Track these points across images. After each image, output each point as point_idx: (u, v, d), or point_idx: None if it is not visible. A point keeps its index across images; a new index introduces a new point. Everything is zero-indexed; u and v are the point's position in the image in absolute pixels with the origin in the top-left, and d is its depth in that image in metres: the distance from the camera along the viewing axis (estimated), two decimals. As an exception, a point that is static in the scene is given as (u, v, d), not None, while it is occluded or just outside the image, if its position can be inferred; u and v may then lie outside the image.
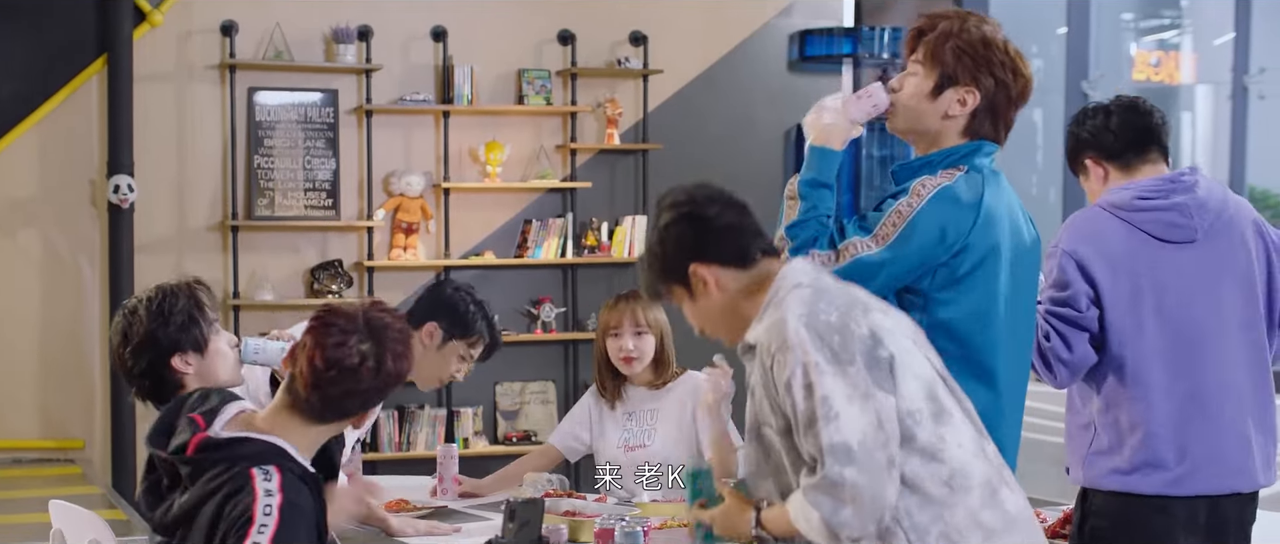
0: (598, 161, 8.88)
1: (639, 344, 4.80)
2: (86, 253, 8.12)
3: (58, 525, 4.13)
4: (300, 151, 8.23)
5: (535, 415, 8.73)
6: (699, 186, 2.96)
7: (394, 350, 2.92)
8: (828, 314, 2.71)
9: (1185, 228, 3.72)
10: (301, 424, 2.91)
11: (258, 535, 2.72)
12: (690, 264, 2.88)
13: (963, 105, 3.22)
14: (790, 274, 2.84)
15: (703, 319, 2.95)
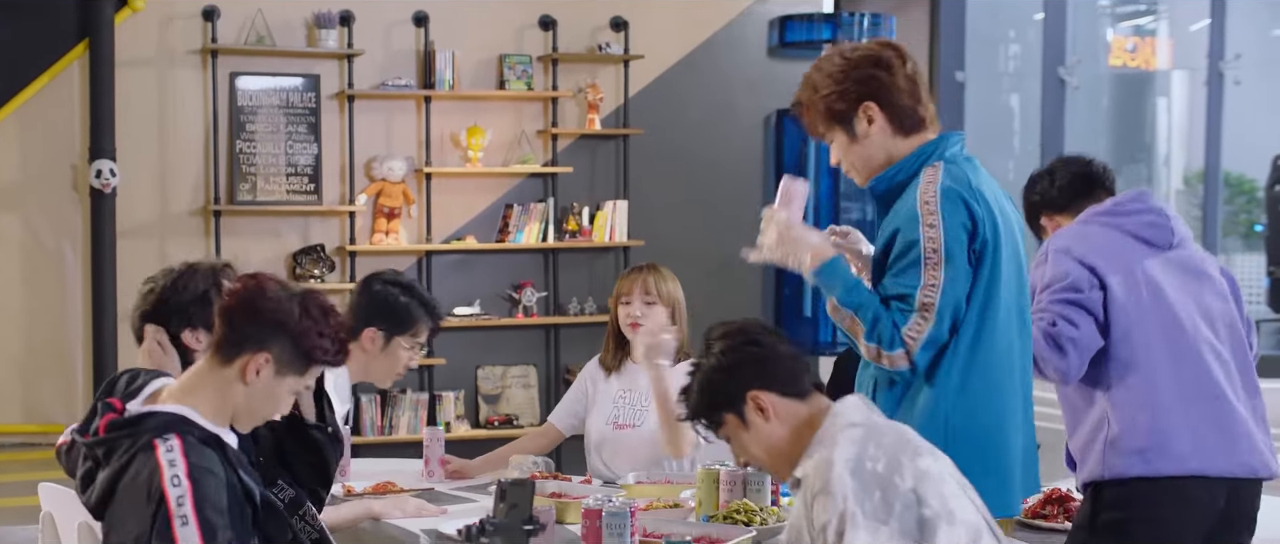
0: (579, 146, 8.92)
1: (647, 313, 4.82)
2: (69, 238, 8.12)
3: (47, 508, 4.14)
4: (282, 136, 8.25)
5: (517, 399, 8.77)
6: (749, 321, 3.02)
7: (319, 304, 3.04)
8: (875, 462, 2.73)
9: (1165, 229, 3.81)
10: (209, 387, 2.98)
11: (179, 510, 2.80)
12: (748, 391, 2.91)
13: (872, 121, 3.28)
14: (844, 412, 2.88)
15: (753, 448, 2.95)
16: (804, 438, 2.89)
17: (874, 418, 2.87)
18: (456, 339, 8.62)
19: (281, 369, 3.01)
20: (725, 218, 9.39)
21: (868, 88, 3.28)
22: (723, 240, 9.36)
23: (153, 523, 2.86)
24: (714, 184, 9.31)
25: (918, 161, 3.25)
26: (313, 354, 3.03)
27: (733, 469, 4.09)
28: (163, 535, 2.85)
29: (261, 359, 2.98)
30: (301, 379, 3.08)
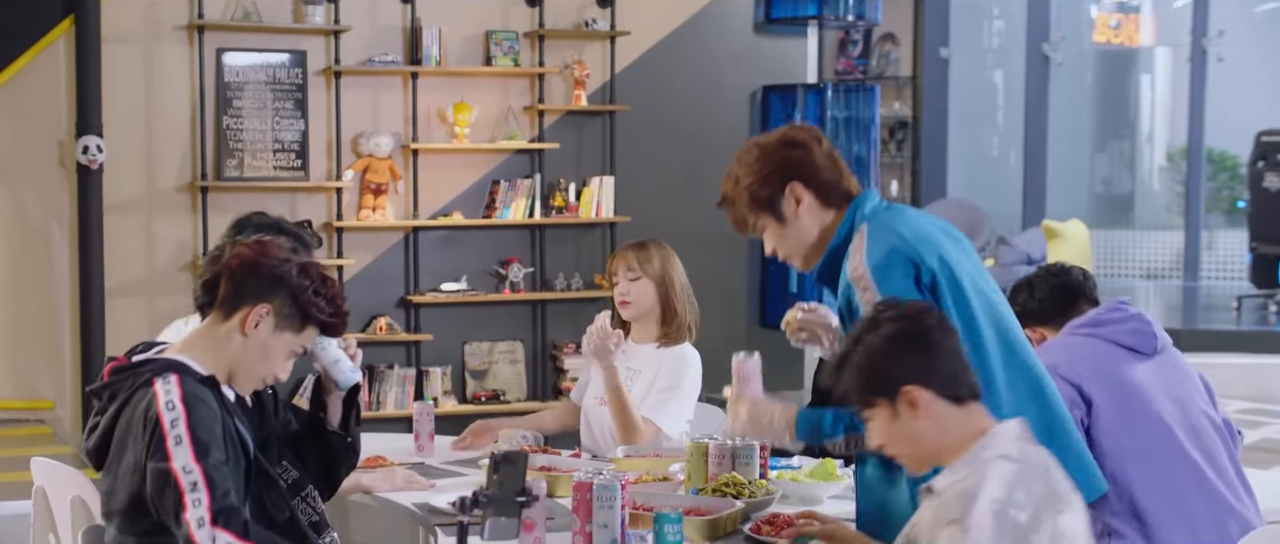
0: (565, 123, 8.93)
1: (632, 288, 4.83)
2: (55, 214, 8.12)
3: (40, 483, 4.14)
4: (269, 113, 8.25)
5: (503, 375, 8.79)
6: (923, 308, 2.91)
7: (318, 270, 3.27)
8: (1020, 512, 2.66)
9: (1148, 335, 3.84)
10: (209, 341, 3.21)
11: (173, 430, 3.00)
12: (906, 384, 2.81)
13: (800, 201, 3.33)
14: (1001, 439, 2.78)
15: (895, 441, 2.86)
16: (952, 447, 2.80)
17: (1028, 452, 2.77)
18: (443, 315, 8.64)
19: (279, 323, 3.23)
20: (712, 194, 9.30)
21: (790, 169, 3.33)
22: (709, 216, 9.33)
23: (148, 448, 3.02)
24: (700, 160, 9.32)
25: (846, 229, 3.29)
26: (308, 311, 3.24)
27: (721, 442, 4.14)
28: (157, 456, 3.02)
29: (261, 311, 3.20)
30: (298, 338, 3.27)
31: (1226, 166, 19.15)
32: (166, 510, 3.03)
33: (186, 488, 2.99)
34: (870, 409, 2.86)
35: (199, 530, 2.97)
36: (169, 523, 3.04)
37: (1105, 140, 20.88)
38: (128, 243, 8.13)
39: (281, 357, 3.27)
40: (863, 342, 2.85)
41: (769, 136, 3.41)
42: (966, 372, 2.85)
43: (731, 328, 9.38)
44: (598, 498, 3.50)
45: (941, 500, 2.74)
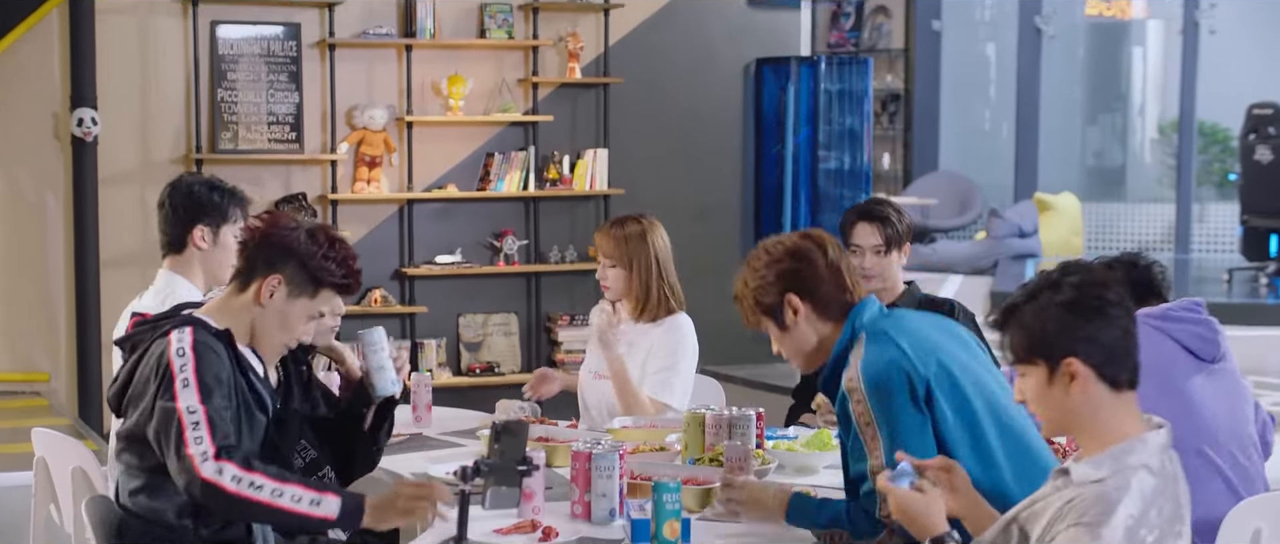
0: (559, 95, 8.94)
1: (609, 274, 4.87)
2: (50, 186, 8.13)
3: (41, 453, 4.19)
4: (263, 85, 8.26)
5: (498, 347, 8.82)
6: (1112, 283, 2.83)
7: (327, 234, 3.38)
8: (1148, 534, 2.66)
9: (1212, 343, 3.84)
10: (228, 310, 3.35)
11: (181, 374, 3.15)
12: (1070, 355, 2.76)
13: (796, 312, 3.42)
14: (1149, 448, 2.74)
15: (1041, 404, 2.82)
16: (1095, 430, 2.77)
17: (1168, 468, 2.76)
18: (438, 287, 8.67)
19: (293, 291, 3.34)
20: (705, 166, 9.46)
21: (790, 280, 3.42)
22: (702, 187, 9.43)
23: (157, 390, 3.17)
24: (694, 132, 9.37)
25: (846, 339, 3.37)
26: (319, 276, 3.34)
27: (718, 413, 4.17)
28: (165, 396, 3.15)
29: (274, 281, 3.32)
30: (314, 302, 3.37)
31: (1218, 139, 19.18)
32: (169, 448, 3.14)
33: (189, 425, 3.12)
34: (1027, 367, 2.82)
35: (203, 464, 3.09)
36: (170, 461, 3.14)
37: (1097, 113, 20.90)
38: (123, 215, 8.14)
39: (300, 322, 3.38)
40: (1039, 299, 2.80)
41: (778, 245, 3.50)
42: (1131, 358, 2.79)
43: (723, 299, 9.39)
44: (596, 468, 3.54)
45: (1078, 493, 2.71)
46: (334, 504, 3.14)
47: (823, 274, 3.42)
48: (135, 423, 3.24)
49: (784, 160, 9.69)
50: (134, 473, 3.29)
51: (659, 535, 3.25)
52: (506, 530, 3.35)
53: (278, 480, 3.12)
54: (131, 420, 3.26)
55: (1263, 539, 3.36)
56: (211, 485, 3.08)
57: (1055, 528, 2.71)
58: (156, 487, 3.26)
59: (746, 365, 9.32)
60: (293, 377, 3.69)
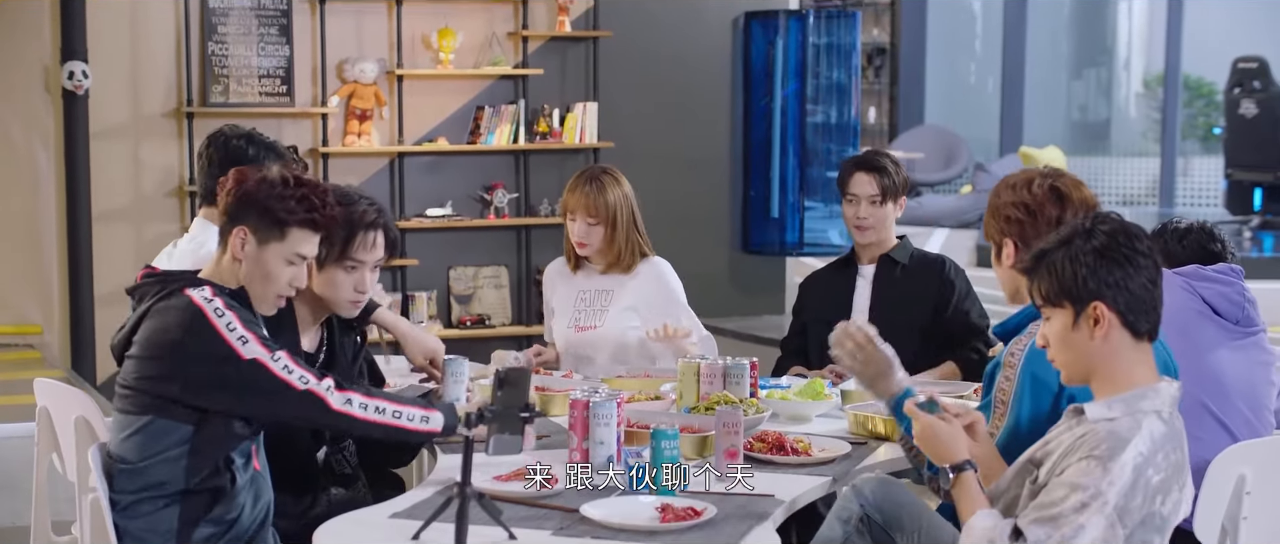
0: (549, 48, 8.96)
1: (588, 234, 4.88)
2: (41, 139, 8.13)
3: (43, 403, 4.20)
4: (254, 39, 8.26)
5: (488, 299, 8.87)
6: (1142, 234, 2.92)
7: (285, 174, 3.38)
8: (1155, 474, 2.79)
9: (1238, 304, 3.85)
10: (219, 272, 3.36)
11: (232, 331, 3.20)
12: (1098, 299, 2.86)
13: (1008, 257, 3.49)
14: (1161, 396, 2.87)
15: (1062, 347, 2.93)
16: (1112, 376, 2.89)
17: (1174, 419, 2.88)
18: (428, 240, 8.71)
19: (261, 238, 3.33)
20: (694, 119, 9.50)
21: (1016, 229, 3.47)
22: (691, 141, 9.46)
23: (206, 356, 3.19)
24: (683, 85, 9.40)
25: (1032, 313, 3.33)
26: (282, 216, 3.32)
27: (712, 362, 4.23)
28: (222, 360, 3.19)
29: (241, 233, 3.33)
30: (286, 245, 3.34)
31: (1202, 93, 19.23)
32: (273, 401, 3.22)
33: (280, 370, 3.21)
34: (1053, 310, 2.92)
35: (331, 396, 3.23)
36: (276, 407, 3.24)
37: (1082, 67, 20.94)
38: (114, 168, 8.16)
39: (281, 268, 3.35)
40: (1071, 245, 2.89)
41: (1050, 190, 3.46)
42: (1154, 309, 2.90)
43: (713, 252, 9.48)
44: (594, 416, 3.58)
45: (1089, 430, 2.83)
46: (438, 419, 3.35)
47: (1042, 230, 3.37)
48: (147, 377, 3.26)
49: (772, 113, 9.73)
50: (129, 421, 3.32)
51: (658, 481, 3.31)
52: (506, 477, 3.39)
53: (394, 402, 3.32)
54: (138, 375, 3.28)
55: (1247, 484, 3.42)
56: (345, 415, 3.26)
57: (1067, 460, 2.82)
58: (149, 436, 3.28)
59: (733, 317, 9.39)
60: (337, 346, 3.75)
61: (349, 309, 3.70)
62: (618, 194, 4.86)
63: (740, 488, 3.38)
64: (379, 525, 3.11)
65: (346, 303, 3.69)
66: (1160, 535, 2.85)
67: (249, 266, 3.34)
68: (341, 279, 3.65)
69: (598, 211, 4.83)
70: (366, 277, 3.65)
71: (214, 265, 3.40)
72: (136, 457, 3.30)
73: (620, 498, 3.25)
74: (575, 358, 4.94)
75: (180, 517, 3.30)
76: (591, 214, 4.84)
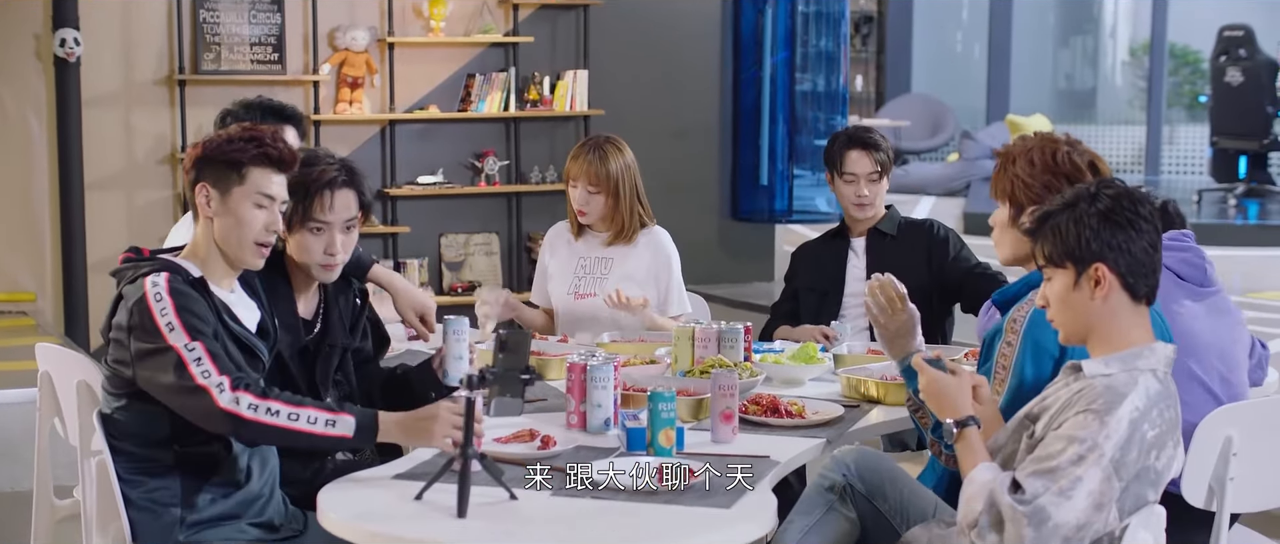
0: (539, 16, 9.00)
1: (589, 201, 4.94)
2: (33, 106, 8.15)
3: (45, 368, 4.22)
4: (245, 6, 8.28)
5: (479, 266, 8.92)
6: (1146, 198, 3.00)
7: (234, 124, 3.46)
8: (1152, 428, 2.87)
9: (1199, 268, 3.93)
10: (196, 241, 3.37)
11: (164, 317, 3.18)
12: (1099, 261, 2.94)
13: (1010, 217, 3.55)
14: (1157, 356, 2.96)
15: (1062, 307, 3.01)
16: (1109, 336, 2.98)
17: (1169, 383, 2.96)
18: (420, 207, 8.75)
19: (220, 186, 3.33)
20: (683, 87, 9.54)
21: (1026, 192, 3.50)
22: (681, 108, 9.51)
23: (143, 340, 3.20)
24: (672, 53, 9.45)
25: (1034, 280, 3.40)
26: (233, 157, 3.31)
27: (707, 327, 4.28)
28: (154, 341, 3.19)
29: (202, 190, 3.33)
30: (246, 186, 3.33)
31: (1188, 61, 19.31)
32: (176, 388, 3.17)
33: (191, 361, 3.15)
34: (1055, 271, 3.00)
35: (220, 394, 3.14)
36: (180, 400, 3.19)
37: (1068, 35, 21.00)
38: (106, 136, 8.18)
39: (249, 211, 3.33)
40: (1076, 208, 2.97)
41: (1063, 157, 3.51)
42: (1153, 273, 2.98)
43: (702, 219, 9.53)
44: (592, 379, 3.63)
45: (1087, 385, 2.91)
46: (349, 423, 3.19)
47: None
48: (117, 361, 3.29)
49: (761, 82, 9.78)
50: (115, 398, 3.36)
51: (655, 443, 3.36)
52: (506, 439, 3.45)
53: (292, 404, 3.18)
54: (112, 357, 3.31)
55: (1234, 445, 3.49)
56: (230, 415, 3.14)
57: (1064, 415, 2.90)
58: (136, 413, 3.31)
59: (722, 284, 9.45)
60: (334, 309, 3.79)
61: (322, 273, 3.67)
62: (619, 164, 4.91)
63: (736, 449, 3.44)
64: (383, 486, 3.15)
65: (318, 266, 3.66)
66: (1154, 490, 2.92)
67: (221, 222, 3.32)
68: (310, 242, 3.64)
69: (598, 180, 4.88)
70: (336, 238, 3.63)
71: (192, 242, 3.41)
72: (128, 431, 3.34)
73: (618, 459, 3.30)
74: (572, 323, 4.99)
75: (181, 485, 3.33)
76: (592, 182, 4.89)
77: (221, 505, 3.35)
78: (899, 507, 3.31)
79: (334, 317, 3.79)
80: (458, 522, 2.91)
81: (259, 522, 3.41)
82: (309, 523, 3.46)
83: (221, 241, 3.35)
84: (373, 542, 2.92)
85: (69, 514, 4.31)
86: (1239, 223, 12.57)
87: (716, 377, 3.58)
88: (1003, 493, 2.85)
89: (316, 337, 3.75)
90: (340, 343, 3.78)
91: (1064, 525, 2.81)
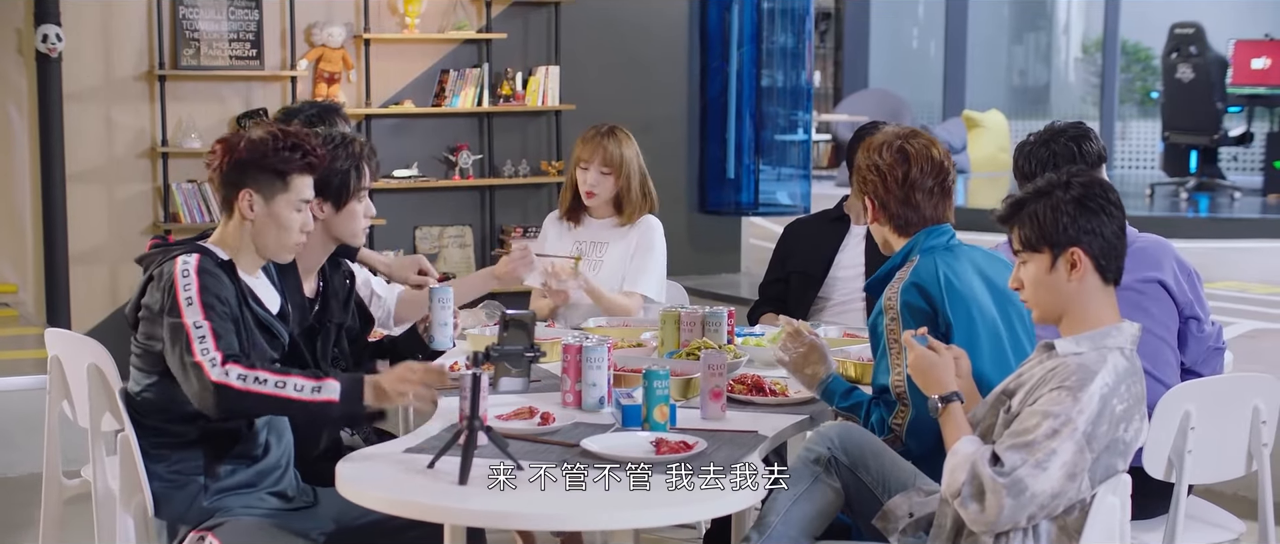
0: (512, 13, 9.17)
1: (600, 183, 5.18)
2: (15, 101, 8.26)
3: (55, 352, 4.34)
4: (224, 3, 8.40)
5: (453, 258, 9.09)
6: (1111, 187, 3.22)
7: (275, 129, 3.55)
8: (1119, 404, 3.08)
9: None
10: (226, 236, 3.56)
11: (185, 293, 3.38)
12: (1076, 245, 3.15)
13: (869, 213, 3.78)
14: (1124, 335, 3.17)
15: (1037, 288, 3.22)
16: (1080, 316, 3.18)
17: (1135, 360, 3.18)
18: (395, 200, 8.89)
19: (266, 194, 3.53)
20: (652, 81, 9.73)
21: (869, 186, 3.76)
22: (649, 103, 9.70)
23: (165, 308, 3.41)
24: (641, 49, 9.64)
25: (898, 260, 3.72)
26: (280, 166, 3.53)
27: (691, 310, 4.49)
28: (171, 313, 3.40)
29: (246, 195, 3.53)
30: (290, 194, 3.56)
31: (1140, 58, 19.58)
32: (178, 359, 3.38)
33: (196, 338, 3.35)
34: (1030, 255, 3.21)
35: (212, 368, 3.33)
36: (180, 371, 3.39)
37: (1022, 32, 21.25)
38: (87, 130, 8.29)
39: (291, 217, 3.57)
40: (1051, 196, 3.18)
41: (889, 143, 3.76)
42: (1121, 256, 3.21)
43: (670, 211, 9.67)
44: (587, 359, 3.82)
45: (1060, 363, 3.12)
46: (334, 387, 3.37)
47: (892, 188, 3.72)
48: (148, 338, 3.48)
49: (727, 76, 9.98)
50: (144, 375, 3.54)
51: (650, 418, 3.56)
52: (507, 416, 3.62)
53: (279, 373, 3.37)
54: (143, 335, 3.50)
55: (1192, 420, 3.70)
56: (220, 386, 3.32)
57: (1038, 391, 3.12)
58: (164, 389, 3.50)
59: (691, 276, 9.63)
60: (330, 289, 4.00)
61: (362, 236, 3.99)
62: (631, 150, 5.22)
63: (725, 425, 3.64)
64: (394, 460, 3.33)
65: (362, 230, 3.98)
66: (1123, 459, 3.14)
67: (261, 223, 3.54)
68: (357, 209, 3.95)
69: (612, 163, 5.16)
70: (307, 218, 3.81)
71: (221, 232, 3.60)
72: (155, 407, 3.52)
73: (615, 434, 3.49)
74: (568, 306, 5.19)
75: (204, 456, 3.52)
76: (606, 164, 5.16)
77: (241, 475, 3.54)
78: (880, 477, 3.50)
79: (330, 296, 4.00)
80: (463, 490, 3.07)
81: (275, 491, 3.60)
82: (318, 497, 3.65)
83: (257, 240, 3.57)
84: (390, 507, 3.10)
85: (76, 494, 4.46)
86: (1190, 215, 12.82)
87: (706, 357, 3.77)
88: (984, 465, 3.06)
89: (317, 315, 3.96)
90: (337, 319, 3.99)
91: (1040, 494, 3.03)
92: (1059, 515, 3.10)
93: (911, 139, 3.75)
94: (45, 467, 4.42)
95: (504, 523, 3.14)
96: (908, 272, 3.65)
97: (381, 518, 3.38)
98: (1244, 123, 13.65)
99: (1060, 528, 3.11)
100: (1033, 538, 3.10)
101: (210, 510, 3.51)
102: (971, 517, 3.08)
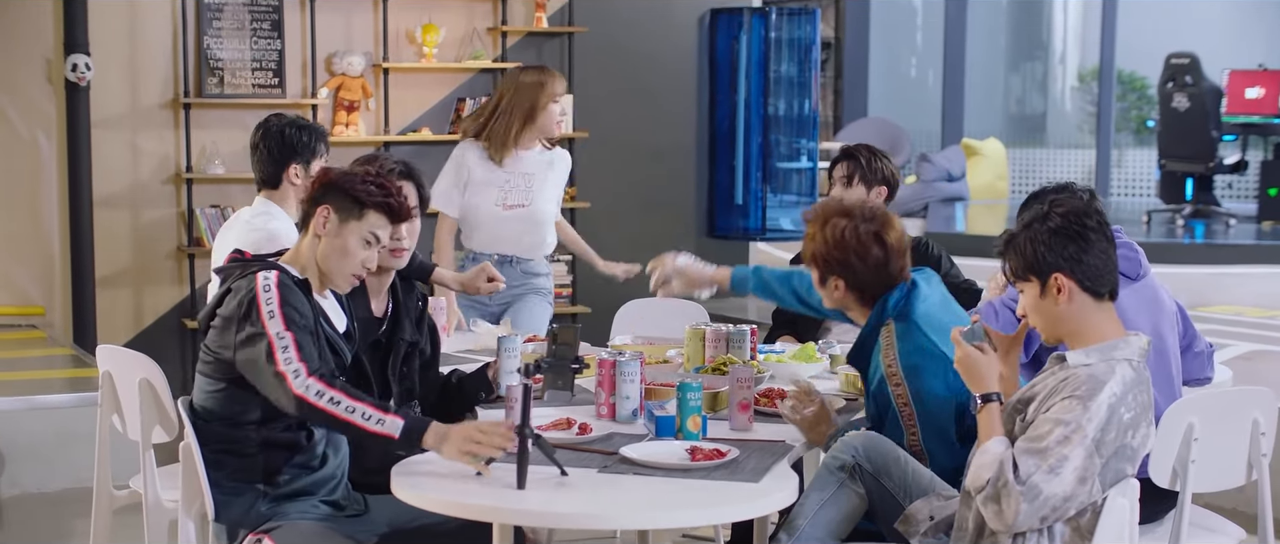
0: (526, 43, 9.39)
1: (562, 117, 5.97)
2: (44, 128, 8.44)
3: (105, 368, 4.51)
4: (247, 33, 8.62)
5: (468, 282, 9.26)
6: (1088, 207, 3.46)
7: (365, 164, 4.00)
8: (1126, 412, 3.30)
9: (1134, 261, 4.33)
10: (300, 252, 3.78)
11: (268, 306, 3.57)
12: (1057, 271, 3.39)
13: (838, 290, 3.98)
14: (1132, 347, 3.39)
15: (1035, 313, 3.46)
16: (1083, 332, 3.40)
17: (1142, 367, 3.39)
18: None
19: (342, 216, 3.74)
20: (663, 110, 9.94)
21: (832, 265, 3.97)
22: (661, 131, 9.91)
23: (246, 319, 3.60)
24: (652, 78, 9.85)
25: (872, 327, 3.93)
26: (361, 197, 3.74)
27: (717, 328, 4.70)
28: (253, 323, 3.58)
29: (324, 210, 3.74)
30: (362, 224, 3.75)
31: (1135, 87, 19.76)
32: (262, 369, 3.56)
33: (279, 349, 3.54)
34: (1024, 284, 3.46)
35: (295, 379, 3.51)
36: (263, 380, 3.57)
37: (1019, 61, 21.44)
38: (114, 156, 8.48)
39: (356, 245, 3.75)
40: (1032, 229, 3.43)
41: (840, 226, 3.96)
42: (1110, 274, 3.44)
43: (680, 236, 9.89)
44: (620, 373, 4.02)
45: (1070, 374, 3.34)
46: (396, 424, 3.50)
47: (856, 268, 3.92)
48: (220, 346, 3.67)
49: (736, 105, 10.20)
50: (211, 382, 3.74)
51: (684, 428, 3.76)
52: (547, 427, 3.82)
53: (352, 398, 3.52)
54: (215, 344, 3.69)
55: (1195, 431, 3.90)
56: (302, 400, 3.50)
57: (1051, 401, 3.34)
58: (229, 396, 3.69)
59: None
60: (403, 308, 4.21)
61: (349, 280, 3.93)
62: None
63: (754, 435, 3.85)
64: (447, 467, 3.52)
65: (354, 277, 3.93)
66: (1131, 464, 3.36)
67: (328, 242, 3.73)
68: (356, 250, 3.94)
69: None
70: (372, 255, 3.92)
71: (295, 250, 3.81)
72: (218, 415, 3.72)
73: (651, 443, 3.69)
74: (496, 231, 5.78)
75: (264, 463, 3.71)
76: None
77: (299, 482, 3.73)
78: (903, 483, 3.69)
79: (402, 315, 4.20)
80: (517, 492, 3.28)
81: (329, 500, 3.80)
82: (368, 505, 3.85)
83: (322, 261, 3.76)
84: (447, 508, 3.31)
85: (123, 505, 4.64)
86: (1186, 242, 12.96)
87: (735, 371, 3.98)
88: (1009, 470, 3.27)
89: (387, 332, 4.15)
90: (407, 338, 4.18)
91: (1053, 497, 3.24)
92: (1072, 517, 3.31)
93: (887, 229, 3.98)
94: (96, 479, 4.58)
95: (557, 523, 3.34)
96: (892, 338, 3.85)
97: (430, 523, 3.58)
98: (1238, 151, 13.81)
99: (1074, 529, 3.33)
100: (1048, 538, 3.31)
101: (267, 515, 3.70)
102: (990, 516, 3.29)
